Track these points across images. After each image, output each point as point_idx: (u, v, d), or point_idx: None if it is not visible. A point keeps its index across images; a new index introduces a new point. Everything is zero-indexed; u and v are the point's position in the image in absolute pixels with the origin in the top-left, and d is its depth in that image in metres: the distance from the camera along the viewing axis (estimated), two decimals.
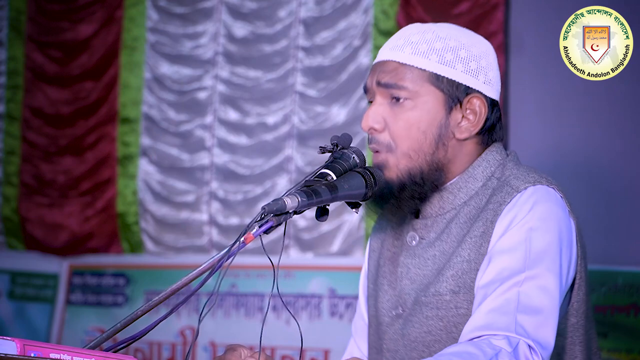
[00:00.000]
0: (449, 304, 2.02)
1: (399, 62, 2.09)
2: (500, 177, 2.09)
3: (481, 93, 2.10)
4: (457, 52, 2.08)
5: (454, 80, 2.08)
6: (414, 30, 2.13)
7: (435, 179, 2.09)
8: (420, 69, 2.08)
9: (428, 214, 2.11)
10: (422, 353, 2.05)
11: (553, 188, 2.05)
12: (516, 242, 1.98)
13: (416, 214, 2.14)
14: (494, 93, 2.13)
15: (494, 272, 1.97)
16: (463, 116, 2.09)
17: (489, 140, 2.13)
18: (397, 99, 2.08)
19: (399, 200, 2.08)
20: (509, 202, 2.02)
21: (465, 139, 2.11)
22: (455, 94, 2.08)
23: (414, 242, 2.11)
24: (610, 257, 4.80)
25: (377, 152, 2.10)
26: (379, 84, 2.10)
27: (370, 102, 2.14)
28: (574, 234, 2.06)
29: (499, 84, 2.15)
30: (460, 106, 2.09)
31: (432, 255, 2.08)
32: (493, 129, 2.14)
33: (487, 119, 2.11)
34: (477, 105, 2.09)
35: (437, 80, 2.08)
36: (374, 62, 2.17)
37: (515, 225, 1.99)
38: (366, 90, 2.14)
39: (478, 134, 2.11)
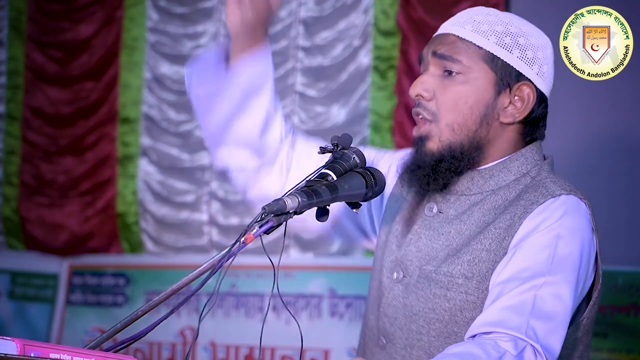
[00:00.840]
0: (460, 288, 2.03)
1: (458, 37, 2.12)
2: (535, 176, 2.09)
3: (532, 83, 2.10)
4: (516, 39, 2.11)
5: (508, 64, 2.10)
6: (478, 11, 2.16)
7: (473, 157, 2.10)
8: (478, 46, 2.10)
9: (453, 191, 2.12)
10: (421, 328, 2.06)
11: (585, 203, 2.06)
12: (541, 245, 1.99)
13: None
14: (545, 87, 2.14)
15: (513, 270, 1.97)
16: (510, 101, 2.11)
17: (530, 133, 2.14)
18: (450, 73, 2.10)
19: (435, 171, 2.09)
20: (541, 203, 2.02)
21: (509, 125, 2.12)
22: (507, 78, 2.10)
23: (432, 212, 2.12)
24: (610, 257, 4.79)
25: (420, 120, 2.12)
26: (434, 53, 2.12)
27: (422, 72, 2.15)
28: (594, 252, 2.06)
29: (552, 80, 2.17)
30: (510, 91, 2.10)
31: (447, 232, 2.09)
32: (537, 123, 2.14)
33: (532, 110, 2.11)
34: (526, 93, 2.11)
35: (492, 61, 2.10)
36: (434, 35, 2.19)
37: (544, 229, 2.00)
38: (420, 60, 2.16)
39: (521, 122, 2.12)
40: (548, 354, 1.91)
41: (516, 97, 2.11)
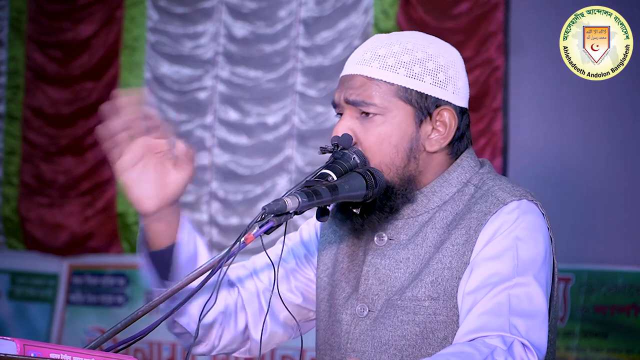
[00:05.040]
0: (428, 310, 2.01)
1: (366, 77, 2.07)
2: (480, 185, 2.08)
3: (450, 103, 2.08)
4: (424, 65, 2.07)
5: (423, 93, 2.06)
6: (380, 43, 2.10)
7: (407, 191, 2.07)
8: (389, 83, 2.06)
9: (400, 215, 2.09)
10: (393, 356, 2.03)
11: (536, 204, 2.05)
12: (503, 249, 1.98)
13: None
14: (463, 101, 2.11)
15: (481, 277, 1.96)
16: (433, 128, 2.08)
17: (458, 150, 2.12)
18: (367, 114, 2.07)
19: (368, 212, 2.06)
20: (494, 213, 2.01)
21: (435, 152, 2.10)
22: (425, 107, 2.07)
23: (382, 242, 2.10)
24: (610, 257, 4.80)
25: None
26: (347, 101, 2.09)
27: (340, 113, 2.13)
28: (552, 252, 2.06)
29: (468, 91, 2.13)
30: (430, 118, 2.08)
31: (405, 258, 2.06)
32: (462, 137, 2.12)
33: (457, 129, 2.10)
34: (447, 118, 2.08)
35: (406, 94, 2.06)
36: (341, 75, 2.15)
37: (501, 234, 1.99)
38: (334, 105, 2.13)
39: (448, 145, 2.11)
40: (536, 349, 1.91)
41: (438, 123, 2.08)
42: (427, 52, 2.08)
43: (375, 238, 2.10)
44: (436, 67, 2.07)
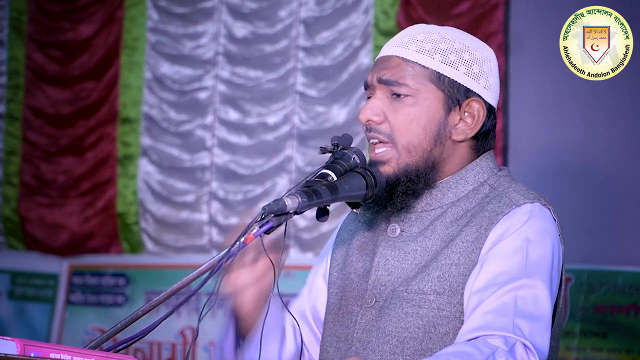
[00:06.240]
0: (432, 304, 2.02)
1: (402, 58, 2.10)
2: (495, 186, 2.09)
3: (480, 97, 2.10)
4: (460, 54, 2.09)
5: (455, 81, 2.08)
6: (419, 30, 2.14)
7: (429, 177, 2.09)
8: (423, 66, 2.08)
9: (413, 209, 2.11)
10: (395, 348, 2.04)
11: (549, 209, 2.05)
12: (513, 249, 1.99)
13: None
14: (493, 99, 2.13)
15: (489, 276, 1.97)
16: (461, 118, 2.10)
17: (481, 146, 2.14)
18: (398, 95, 2.09)
19: (391, 194, 2.08)
20: (506, 213, 2.02)
21: (461, 142, 2.11)
22: (455, 95, 2.09)
23: (395, 234, 2.11)
24: (610, 257, 4.80)
25: (377, 143, 2.10)
26: (380, 80, 2.10)
27: (369, 97, 2.14)
28: (562, 257, 2.07)
29: (498, 91, 2.15)
30: (459, 108, 2.09)
31: (413, 250, 2.08)
32: (488, 135, 2.14)
33: (483, 124, 2.11)
34: (476, 109, 2.10)
35: (439, 80, 2.08)
36: (376, 58, 2.17)
37: (511, 234, 2.00)
38: (366, 86, 2.14)
39: (473, 138, 2.12)
40: (538, 351, 1.91)
41: (466, 114, 2.10)
42: (464, 44, 2.11)
43: (388, 230, 2.12)
44: (471, 59, 2.10)
